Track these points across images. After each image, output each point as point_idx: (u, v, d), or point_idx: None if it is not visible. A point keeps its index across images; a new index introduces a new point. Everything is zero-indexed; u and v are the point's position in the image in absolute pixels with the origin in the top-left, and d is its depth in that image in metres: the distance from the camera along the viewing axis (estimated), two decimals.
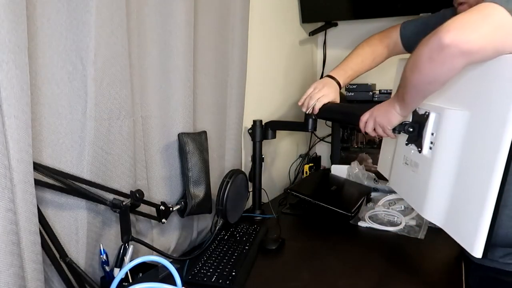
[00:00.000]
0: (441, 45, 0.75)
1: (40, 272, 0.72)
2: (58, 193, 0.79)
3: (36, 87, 0.75)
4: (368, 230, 1.30)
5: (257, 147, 1.42)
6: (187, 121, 1.07)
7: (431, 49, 0.78)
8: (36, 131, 0.75)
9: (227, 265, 1.04)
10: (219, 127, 1.27)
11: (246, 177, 1.29)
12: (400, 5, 1.69)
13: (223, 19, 1.22)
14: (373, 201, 1.47)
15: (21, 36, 0.65)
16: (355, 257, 1.11)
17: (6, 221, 0.65)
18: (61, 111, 0.79)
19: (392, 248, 1.16)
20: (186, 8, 1.01)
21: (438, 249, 1.13)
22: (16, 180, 0.65)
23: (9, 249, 0.65)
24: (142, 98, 0.98)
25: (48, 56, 0.76)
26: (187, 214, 1.08)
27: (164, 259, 0.73)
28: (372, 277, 1.00)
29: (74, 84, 0.80)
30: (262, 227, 1.28)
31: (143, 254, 1.00)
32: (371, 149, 1.82)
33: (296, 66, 1.95)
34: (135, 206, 0.92)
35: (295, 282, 0.99)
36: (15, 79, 0.64)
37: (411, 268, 1.06)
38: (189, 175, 1.05)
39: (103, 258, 0.88)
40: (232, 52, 1.28)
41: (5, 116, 0.63)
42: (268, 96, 1.69)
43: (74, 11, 0.78)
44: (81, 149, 0.83)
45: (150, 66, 0.98)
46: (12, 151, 0.65)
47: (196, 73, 1.11)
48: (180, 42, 1.01)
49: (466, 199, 0.85)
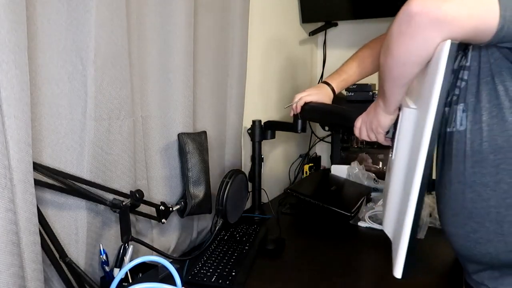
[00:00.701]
0: (410, 14, 0.69)
1: (40, 272, 0.72)
2: (58, 193, 0.79)
3: (36, 87, 0.74)
4: (368, 230, 1.29)
5: (257, 147, 1.42)
6: (187, 121, 1.07)
7: (400, 22, 0.72)
8: (36, 131, 0.75)
9: (227, 265, 1.04)
10: (219, 127, 1.27)
11: (246, 177, 1.29)
12: (400, 3, 1.69)
13: (223, 19, 1.22)
14: (373, 201, 1.47)
15: (21, 36, 0.64)
16: (355, 257, 1.11)
17: (6, 221, 0.65)
18: (61, 111, 0.79)
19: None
20: (186, 8, 1.01)
21: (438, 249, 1.13)
22: (16, 180, 0.65)
23: (9, 249, 0.65)
24: (142, 98, 0.98)
25: (48, 56, 0.76)
26: (187, 214, 1.08)
27: (164, 259, 0.73)
28: (372, 277, 1.00)
29: (74, 84, 0.80)
30: (262, 227, 1.28)
31: (143, 254, 1.00)
32: (371, 149, 1.82)
33: (296, 66, 1.95)
34: (135, 206, 0.92)
35: (295, 282, 0.99)
36: (15, 79, 0.64)
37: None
38: (189, 175, 1.05)
39: (103, 258, 0.88)
40: (232, 52, 1.28)
41: (5, 116, 0.63)
42: (268, 96, 1.69)
43: (74, 11, 0.78)
44: (81, 149, 0.83)
45: (150, 66, 0.98)
46: (12, 151, 0.64)
47: (196, 73, 1.11)
48: (180, 42, 1.01)
49: (402, 211, 0.77)
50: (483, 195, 0.82)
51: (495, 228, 0.82)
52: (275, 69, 1.74)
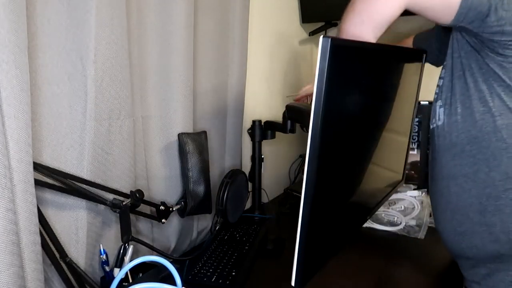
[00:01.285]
0: None
1: (40, 272, 0.72)
2: (58, 193, 0.79)
3: (36, 87, 0.75)
4: (368, 230, 1.29)
5: (257, 147, 1.42)
6: (187, 121, 1.07)
7: None
8: (36, 131, 0.75)
9: (227, 265, 1.04)
10: (219, 127, 1.27)
11: (246, 177, 1.29)
12: None
13: (223, 19, 1.22)
14: None
15: (21, 36, 0.64)
16: (355, 257, 1.11)
17: (6, 221, 0.65)
18: (61, 111, 0.79)
19: (392, 248, 1.16)
20: (186, 8, 1.01)
21: (438, 249, 1.13)
22: (16, 180, 0.65)
23: (9, 249, 0.65)
24: (142, 98, 0.98)
25: (48, 56, 0.76)
26: (187, 214, 1.08)
27: (164, 259, 0.73)
28: (372, 277, 1.00)
29: (74, 84, 0.80)
30: (262, 227, 1.28)
31: (143, 254, 1.00)
32: None
33: (296, 66, 1.95)
34: (135, 206, 0.92)
35: None
36: (15, 79, 0.64)
37: (411, 268, 1.06)
38: (189, 175, 1.05)
39: (103, 258, 0.88)
40: (232, 52, 1.28)
41: (5, 116, 0.63)
42: (268, 96, 1.69)
43: (74, 11, 0.78)
44: (81, 149, 0.83)
45: (150, 66, 0.98)
46: (12, 151, 0.65)
47: (196, 73, 1.11)
48: (180, 42, 1.01)
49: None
50: (465, 186, 0.84)
51: (478, 218, 0.83)
52: (275, 69, 1.74)
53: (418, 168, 1.55)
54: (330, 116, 0.68)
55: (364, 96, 0.84)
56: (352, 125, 0.81)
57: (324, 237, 0.81)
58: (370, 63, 0.83)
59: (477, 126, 0.80)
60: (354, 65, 0.76)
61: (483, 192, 0.82)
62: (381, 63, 0.89)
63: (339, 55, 0.66)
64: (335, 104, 0.70)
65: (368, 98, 0.86)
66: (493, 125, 0.78)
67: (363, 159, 0.93)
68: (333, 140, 0.74)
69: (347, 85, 0.75)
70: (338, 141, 0.77)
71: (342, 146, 0.79)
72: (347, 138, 0.80)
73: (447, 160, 0.87)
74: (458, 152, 0.84)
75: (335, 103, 0.70)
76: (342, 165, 0.81)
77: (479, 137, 0.80)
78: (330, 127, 0.70)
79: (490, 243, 0.83)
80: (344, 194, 0.88)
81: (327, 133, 0.69)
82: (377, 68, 0.87)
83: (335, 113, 0.71)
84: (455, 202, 0.87)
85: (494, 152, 0.79)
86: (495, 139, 0.79)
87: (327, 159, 0.72)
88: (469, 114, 0.81)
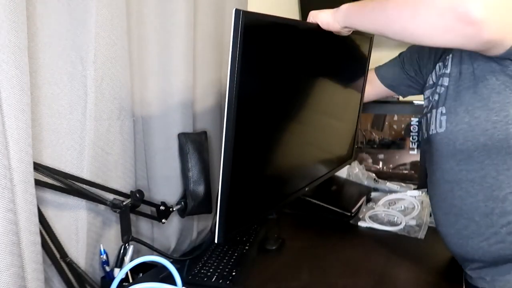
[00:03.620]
0: (468, 16, 0.63)
1: (40, 272, 0.72)
2: (58, 193, 0.79)
3: (36, 87, 0.74)
4: (368, 230, 1.29)
5: None
6: (187, 121, 1.07)
7: (448, 13, 0.65)
8: (36, 131, 0.75)
9: (227, 265, 1.04)
10: (219, 127, 1.27)
11: None
12: None
13: (223, 19, 1.22)
14: (373, 201, 1.47)
15: (21, 36, 0.64)
16: (355, 257, 1.11)
17: (6, 221, 0.65)
18: (61, 111, 0.79)
19: (392, 248, 1.16)
20: (186, 8, 1.01)
21: (438, 249, 1.12)
22: (16, 180, 0.65)
23: (9, 249, 0.65)
24: (142, 98, 0.98)
25: (48, 56, 0.76)
26: (187, 214, 1.08)
27: (164, 259, 0.73)
28: (372, 277, 1.00)
29: (74, 84, 0.80)
30: (262, 227, 1.29)
31: (143, 254, 1.00)
32: (371, 149, 1.82)
33: None
34: (135, 206, 0.92)
35: (295, 282, 0.99)
36: (15, 79, 0.64)
37: (411, 268, 1.06)
38: (189, 175, 1.05)
39: (103, 258, 0.88)
40: None
41: (5, 116, 0.63)
42: None
43: (74, 11, 0.78)
44: (81, 149, 0.83)
45: (150, 66, 0.98)
46: (12, 151, 0.64)
47: (196, 73, 1.11)
48: (180, 42, 1.01)
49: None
50: (471, 190, 0.84)
51: (485, 221, 0.83)
52: None
53: (418, 168, 1.55)
54: (246, 93, 0.77)
55: (285, 73, 0.88)
56: (270, 102, 0.88)
57: (247, 194, 0.87)
58: (289, 41, 0.86)
59: (487, 134, 0.79)
60: (271, 42, 0.80)
61: (490, 196, 0.81)
62: (304, 42, 0.92)
63: (254, 30, 0.67)
64: (251, 76, 0.77)
65: (290, 76, 0.91)
66: (506, 133, 0.77)
67: (286, 133, 1.00)
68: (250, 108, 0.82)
69: (263, 62, 0.81)
70: (255, 111, 0.84)
71: (260, 114, 0.87)
72: (264, 110, 0.88)
73: (452, 166, 0.85)
74: (465, 158, 0.83)
75: (252, 75, 0.77)
76: (260, 131, 0.89)
77: (489, 144, 0.79)
78: (246, 103, 0.78)
79: (496, 243, 0.83)
80: (265, 157, 0.94)
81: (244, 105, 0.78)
82: (299, 47, 0.89)
83: (251, 87, 0.79)
84: (459, 205, 0.86)
85: (504, 157, 0.78)
86: (507, 145, 0.78)
87: (245, 122, 0.80)
88: (478, 124, 0.79)
